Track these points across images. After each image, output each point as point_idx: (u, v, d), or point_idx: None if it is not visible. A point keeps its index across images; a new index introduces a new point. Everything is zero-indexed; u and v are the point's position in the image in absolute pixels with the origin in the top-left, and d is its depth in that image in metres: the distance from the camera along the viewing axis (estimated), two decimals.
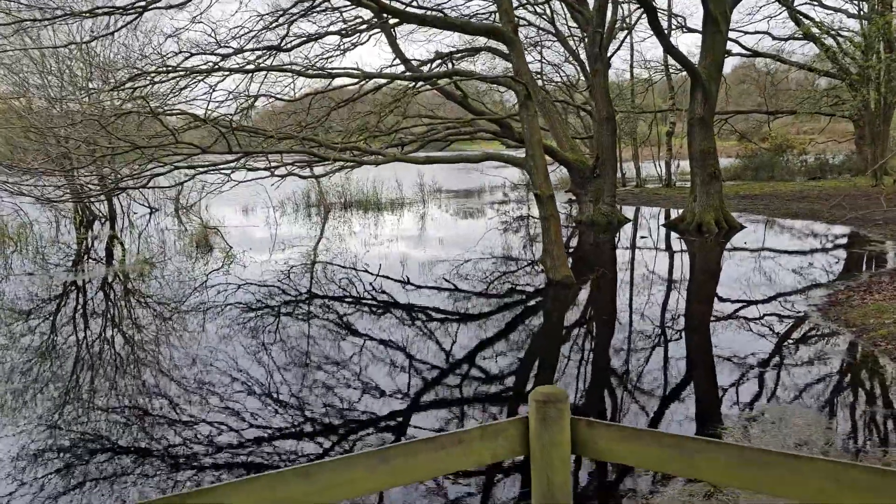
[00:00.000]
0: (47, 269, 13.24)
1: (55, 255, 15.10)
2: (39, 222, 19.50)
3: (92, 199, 12.39)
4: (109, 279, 12.28)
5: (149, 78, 10.27)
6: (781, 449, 2.98)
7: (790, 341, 7.80)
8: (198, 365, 7.35)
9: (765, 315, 8.88)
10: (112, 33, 12.12)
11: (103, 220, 21.22)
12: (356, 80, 10.96)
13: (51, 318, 9.59)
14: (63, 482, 4.83)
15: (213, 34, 12.48)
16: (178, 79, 11.08)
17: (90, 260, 14.60)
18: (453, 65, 17.76)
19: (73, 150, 9.49)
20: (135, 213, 22.53)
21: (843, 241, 14.50)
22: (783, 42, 28.10)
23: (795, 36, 27.09)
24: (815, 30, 25.13)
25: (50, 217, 20.18)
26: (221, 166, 10.47)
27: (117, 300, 10.91)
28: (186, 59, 11.83)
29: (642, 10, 22.98)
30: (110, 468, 5.02)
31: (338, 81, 13.91)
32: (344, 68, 12.46)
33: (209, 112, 10.56)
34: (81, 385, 6.95)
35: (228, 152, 9.59)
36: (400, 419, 5.89)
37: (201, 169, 10.06)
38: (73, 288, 11.53)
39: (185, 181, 11.88)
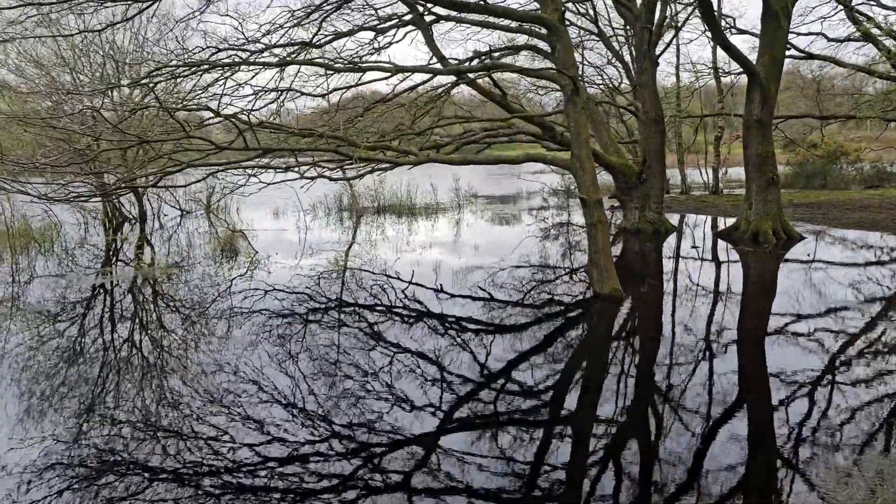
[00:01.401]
0: (73, 271, 12.78)
1: (82, 257, 14.68)
2: (67, 224, 19.22)
3: (93, 199, 11.86)
4: (134, 283, 11.76)
5: (169, 72, 9.63)
6: None
7: (878, 371, 6.79)
8: (222, 373, 6.96)
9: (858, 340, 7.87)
10: (127, 20, 11.55)
11: (133, 221, 20.86)
12: (388, 75, 10.22)
13: (74, 322, 9.18)
14: (75, 494, 4.57)
15: (240, 28, 11.84)
16: (201, 74, 10.46)
17: (117, 263, 14.12)
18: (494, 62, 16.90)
19: (77, 145, 8.90)
20: (165, 216, 22.16)
21: None
22: (838, 44, 26.64)
23: (852, 37, 25.63)
24: (874, 30, 23.68)
25: (79, 218, 19.86)
26: (243, 164, 9.81)
27: (141, 305, 10.38)
28: (213, 54, 11.23)
29: (693, 6, 21.95)
30: (128, 480, 4.76)
31: (371, 80, 13.21)
32: (376, 62, 11.73)
33: (224, 108, 9.89)
34: (102, 391, 6.60)
35: (245, 149, 8.89)
36: (431, 434, 5.51)
37: (217, 167, 9.41)
38: (98, 291, 11.05)
39: (199, 181, 11.27)
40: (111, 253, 15.53)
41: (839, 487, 4.46)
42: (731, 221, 17.02)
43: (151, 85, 9.20)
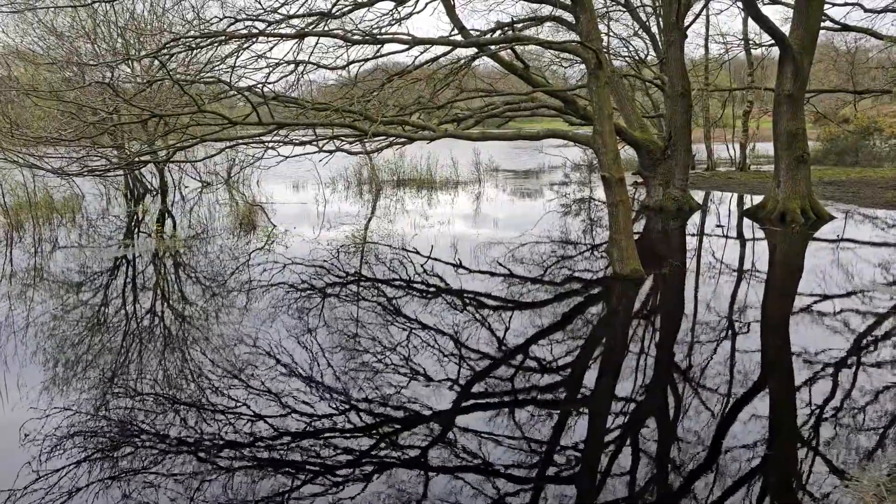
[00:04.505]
0: (95, 242, 12.87)
1: (104, 228, 14.78)
2: (90, 195, 19.35)
3: (108, 174, 11.85)
4: (155, 255, 11.81)
5: (185, 44, 9.51)
6: None
7: None
8: (241, 345, 6.98)
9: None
10: None
11: (154, 193, 20.96)
12: (406, 47, 10.02)
13: (95, 293, 9.24)
14: (94, 464, 4.58)
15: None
16: (217, 45, 10.33)
17: (139, 234, 14.20)
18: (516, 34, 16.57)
19: (89, 118, 8.83)
20: (186, 187, 22.23)
21: None
22: (875, 14, 25.78)
23: (890, 7, 24.77)
24: None
25: (101, 190, 19.98)
26: (259, 138, 9.71)
27: (161, 276, 10.44)
28: (230, 24, 11.09)
29: None
30: (147, 450, 4.77)
31: (390, 52, 13.02)
32: (393, 34, 11.53)
33: (238, 81, 9.74)
34: (122, 362, 6.64)
35: (259, 123, 8.78)
36: (449, 409, 5.50)
37: (232, 142, 9.32)
38: (119, 263, 11.10)
39: (214, 154, 11.20)
40: (132, 224, 15.62)
41: (861, 469, 4.32)
42: (758, 199, 16.65)
43: (165, 58, 9.09)
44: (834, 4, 26.98)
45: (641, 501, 4.15)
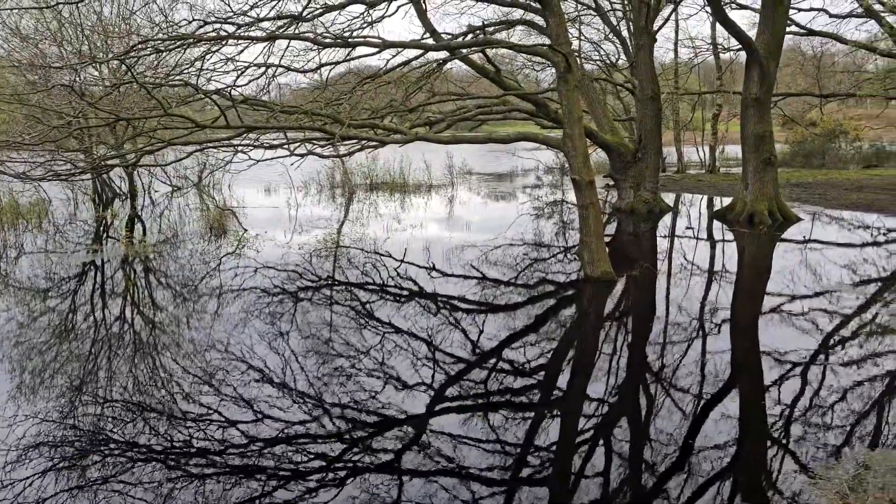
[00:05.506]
0: (62, 248, 12.64)
1: (72, 233, 14.52)
2: (57, 199, 18.99)
3: (73, 178, 11.64)
4: (124, 260, 11.61)
5: (153, 47, 9.38)
6: None
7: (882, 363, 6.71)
8: (212, 351, 6.89)
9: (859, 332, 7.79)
10: None
11: (123, 197, 20.64)
12: (377, 51, 9.99)
13: (63, 299, 9.09)
14: (60, 474, 4.48)
15: (225, 0, 11.52)
16: (186, 48, 10.21)
17: (107, 239, 13.95)
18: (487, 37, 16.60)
19: (52, 123, 8.66)
20: (156, 191, 21.93)
21: None
22: (840, 20, 26.31)
23: (854, 13, 25.30)
24: (876, 6, 23.37)
25: (68, 194, 19.63)
26: (229, 142, 9.61)
27: (130, 282, 10.26)
28: (199, 27, 10.96)
29: None
30: (115, 459, 4.68)
31: (362, 55, 12.95)
32: (364, 37, 11.48)
33: (206, 85, 9.63)
34: (90, 369, 6.53)
35: (227, 127, 8.69)
36: (423, 413, 5.48)
37: (201, 145, 9.20)
38: (87, 268, 10.91)
39: (182, 158, 11.05)
40: (101, 229, 15.36)
41: (826, 467, 4.39)
42: (727, 201, 16.90)
43: (131, 61, 8.95)
44: (800, 10, 27.42)
45: (614, 502, 4.18)
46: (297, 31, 12.17)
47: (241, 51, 11.32)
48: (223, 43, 9.70)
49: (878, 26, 24.10)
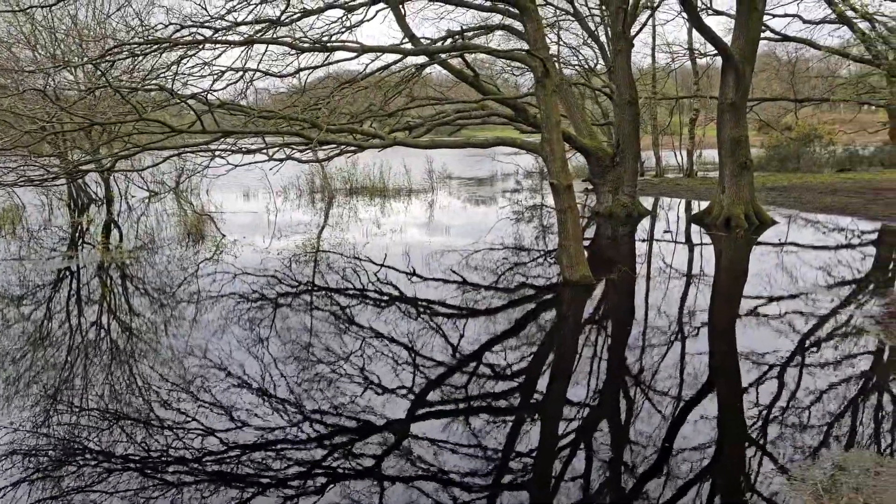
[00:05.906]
0: (37, 254, 12.44)
1: (46, 239, 14.31)
2: (31, 205, 18.71)
3: (49, 183, 11.49)
4: (100, 266, 11.46)
5: (129, 51, 9.28)
6: None
7: (858, 364, 6.80)
8: (190, 358, 6.82)
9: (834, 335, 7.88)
10: None
11: (100, 202, 20.39)
12: (355, 55, 9.98)
13: (37, 306, 8.94)
14: (34, 485, 4.41)
15: (203, 4, 11.45)
16: (162, 52, 10.11)
17: (83, 245, 13.77)
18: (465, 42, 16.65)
19: (25, 127, 8.53)
20: (133, 197, 21.69)
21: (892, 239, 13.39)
22: (814, 26, 26.74)
23: (828, 19, 25.71)
24: (849, 12, 23.77)
25: (43, 200, 19.35)
26: (207, 147, 9.53)
27: (107, 288, 10.13)
28: (175, 31, 10.86)
29: None
30: (92, 469, 4.60)
31: (341, 59, 12.94)
32: (342, 41, 11.46)
33: (182, 89, 9.55)
34: (65, 378, 6.43)
35: (203, 132, 8.62)
36: (403, 418, 5.49)
37: (178, 150, 9.12)
38: (63, 275, 10.74)
39: (158, 163, 10.94)
40: (76, 235, 15.15)
41: (802, 468, 4.44)
42: (704, 204, 17.07)
43: (106, 65, 8.85)
44: (774, 16, 27.80)
45: None
46: (275, 36, 12.13)
47: (219, 55, 11.25)
48: (200, 47, 9.62)
49: (851, 32, 24.53)
